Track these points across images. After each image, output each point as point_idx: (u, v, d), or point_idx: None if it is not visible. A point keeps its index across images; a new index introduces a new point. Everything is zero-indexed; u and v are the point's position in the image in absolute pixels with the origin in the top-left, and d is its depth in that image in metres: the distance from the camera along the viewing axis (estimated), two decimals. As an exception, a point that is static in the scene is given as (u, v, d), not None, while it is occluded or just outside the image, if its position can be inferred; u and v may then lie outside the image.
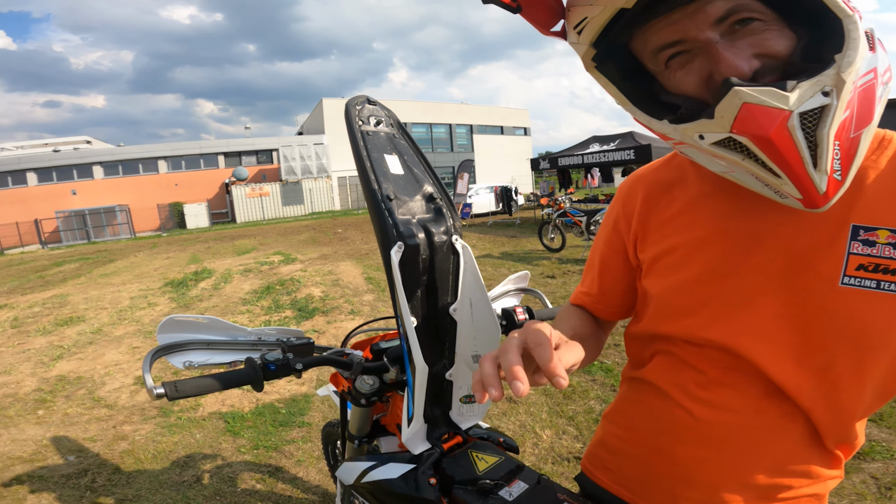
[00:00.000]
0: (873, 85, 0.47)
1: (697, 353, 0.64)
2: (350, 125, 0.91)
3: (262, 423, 2.97)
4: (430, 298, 0.86)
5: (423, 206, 0.89)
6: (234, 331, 0.95)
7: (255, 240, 14.54)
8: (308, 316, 5.36)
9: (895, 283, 0.51)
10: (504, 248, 9.48)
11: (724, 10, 0.49)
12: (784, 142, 0.44)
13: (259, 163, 28.30)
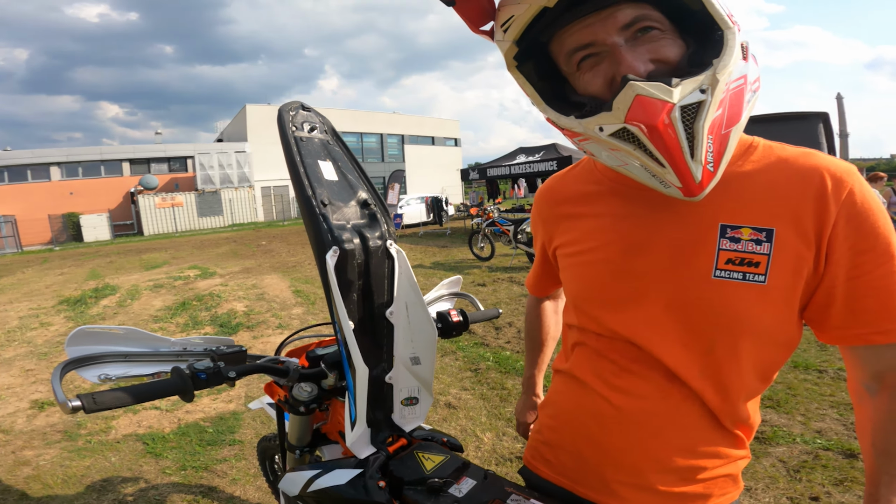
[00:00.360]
0: (742, 90, 0.55)
1: (608, 345, 0.70)
2: (283, 131, 0.91)
3: (186, 443, 2.77)
4: (366, 303, 0.86)
5: (357, 212, 0.90)
6: (156, 341, 0.89)
7: (167, 253, 13.45)
8: (231, 331, 5.02)
9: (758, 274, 0.58)
10: (435, 257, 9.54)
11: (630, 18, 0.56)
12: (667, 131, 0.51)
13: (171, 171, 26.19)
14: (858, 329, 0.57)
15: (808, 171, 0.58)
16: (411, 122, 34.40)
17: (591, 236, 0.72)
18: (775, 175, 0.60)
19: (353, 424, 0.85)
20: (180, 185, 25.61)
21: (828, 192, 0.56)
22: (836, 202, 0.56)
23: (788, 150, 0.62)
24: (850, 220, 0.56)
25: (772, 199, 0.59)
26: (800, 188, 0.58)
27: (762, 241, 0.58)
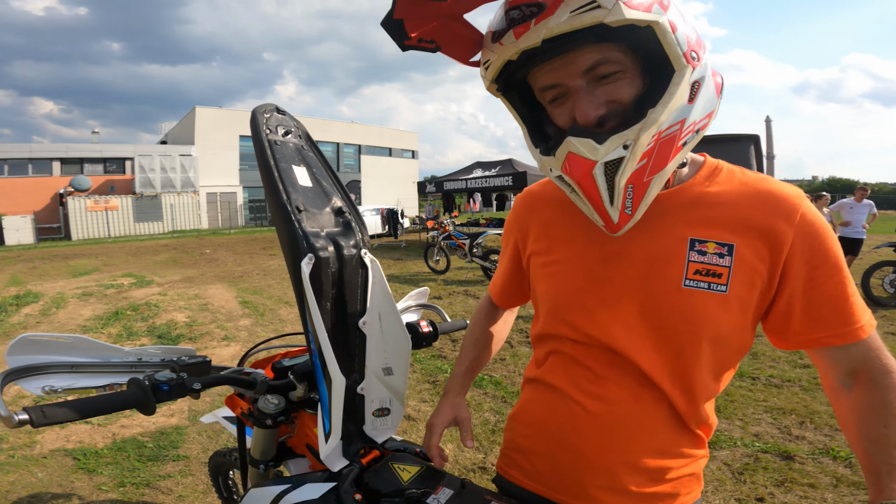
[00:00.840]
0: (675, 136, 0.62)
1: (585, 351, 0.74)
2: (257, 134, 0.88)
3: (123, 458, 2.58)
4: (338, 312, 0.84)
5: (332, 220, 0.89)
6: (107, 351, 0.83)
7: (98, 259, 12.51)
8: (171, 342, 4.71)
9: (720, 284, 0.65)
10: (390, 270, 9.45)
11: (591, 63, 0.62)
12: (589, 185, 0.63)
13: (107, 172, 24.54)
14: (817, 334, 0.64)
15: (764, 195, 0.66)
16: (369, 132, 34.21)
17: (569, 245, 0.77)
18: (737, 197, 0.67)
19: (328, 437, 0.82)
20: (116, 187, 23.99)
21: (782, 214, 0.64)
22: (790, 223, 0.64)
23: (748, 175, 0.71)
24: (805, 239, 0.63)
25: (733, 218, 0.66)
26: (757, 210, 0.66)
27: (724, 255, 0.65)
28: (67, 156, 23.59)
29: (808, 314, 0.64)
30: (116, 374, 0.82)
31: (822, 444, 2.62)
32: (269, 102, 0.96)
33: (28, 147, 22.97)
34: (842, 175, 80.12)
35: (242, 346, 4.57)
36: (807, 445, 2.61)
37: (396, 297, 1.34)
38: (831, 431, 2.75)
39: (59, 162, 23.42)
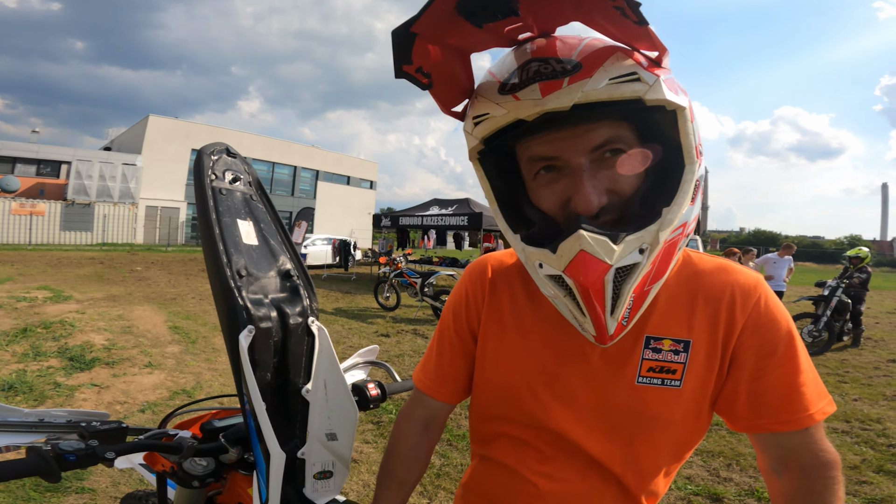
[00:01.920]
0: (677, 241, 0.58)
1: (535, 435, 0.72)
2: (200, 179, 0.82)
3: (17, 486, 2.29)
4: (279, 379, 0.80)
5: (277, 284, 0.84)
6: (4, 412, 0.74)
7: (13, 268, 11.37)
8: (84, 367, 4.26)
9: (674, 380, 0.64)
10: (338, 303, 9.17)
11: (603, 139, 0.57)
12: (597, 293, 0.54)
13: (40, 174, 22.72)
14: (762, 420, 0.63)
15: (721, 287, 0.66)
16: (329, 158, 33.87)
17: (526, 337, 0.73)
18: (694, 291, 0.67)
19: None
20: (46, 191, 22.22)
21: (736, 305, 0.64)
22: (742, 314, 0.64)
23: (706, 261, 0.69)
24: (755, 330, 0.63)
25: (690, 313, 0.65)
26: (713, 303, 0.65)
27: (680, 352, 0.65)
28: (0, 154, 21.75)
29: (753, 402, 0.63)
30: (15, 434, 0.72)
31: (747, 485, 2.77)
32: (220, 142, 0.88)
33: (-45, 140, 20.96)
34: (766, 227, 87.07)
35: (168, 376, 4.20)
36: (734, 487, 2.74)
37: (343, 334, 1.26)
38: (755, 473, 2.91)
39: (-11, 159, 21.53)
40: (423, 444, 0.84)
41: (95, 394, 3.72)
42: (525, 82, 0.56)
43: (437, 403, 0.83)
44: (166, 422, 1.04)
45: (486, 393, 0.78)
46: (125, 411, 3.42)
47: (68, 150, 23.49)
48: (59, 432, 0.75)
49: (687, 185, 0.57)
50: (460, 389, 0.83)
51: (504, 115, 0.57)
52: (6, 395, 3.56)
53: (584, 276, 0.53)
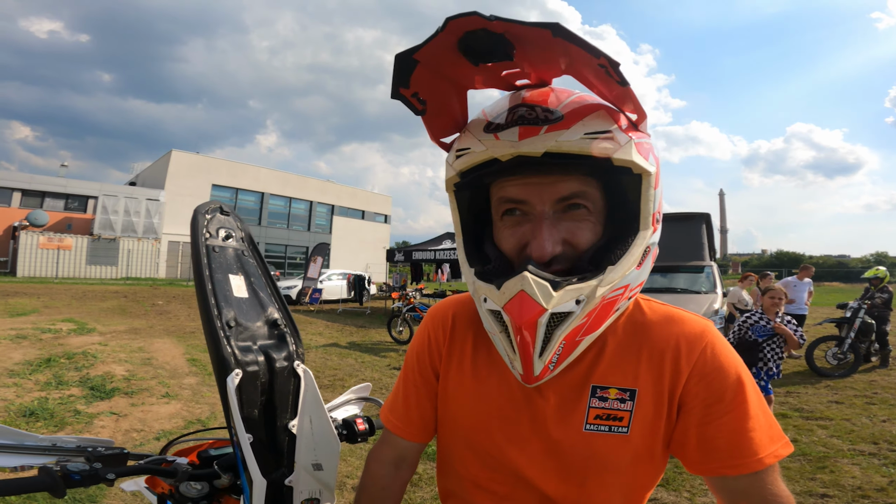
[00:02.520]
0: (616, 300, 0.61)
1: (490, 477, 0.74)
2: (195, 238, 0.91)
3: None
4: (267, 415, 0.88)
5: (265, 332, 0.91)
6: (21, 436, 0.82)
7: (40, 300, 11.74)
8: (104, 396, 4.38)
9: (621, 426, 0.66)
10: (352, 337, 9.21)
11: (570, 192, 0.61)
12: (529, 333, 0.57)
13: (68, 209, 23.69)
14: (711, 464, 0.63)
15: (666, 338, 0.67)
16: (343, 192, 34.46)
17: (483, 381, 0.75)
18: (640, 341, 0.68)
19: None
20: (74, 226, 23.08)
21: (682, 356, 0.66)
22: (688, 363, 0.65)
23: (655, 310, 0.71)
24: (701, 379, 0.64)
25: (636, 362, 0.67)
26: (658, 354, 0.67)
27: (626, 400, 0.66)
28: (30, 187, 22.79)
29: (702, 447, 0.64)
30: (29, 456, 0.80)
31: None
32: (214, 201, 0.97)
33: (-11, 174, 22.04)
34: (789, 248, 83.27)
35: (184, 406, 4.27)
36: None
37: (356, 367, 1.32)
38: None
39: (20, 193, 22.56)
40: (393, 483, 0.85)
41: (114, 422, 3.81)
42: (508, 124, 0.59)
43: (406, 443, 0.84)
44: (167, 449, 1.12)
45: (446, 432, 0.80)
46: (141, 438, 3.49)
47: (95, 184, 24.51)
48: (68, 456, 0.82)
49: (636, 248, 0.60)
50: (428, 429, 0.83)
51: (482, 152, 0.60)
52: (27, 420, 3.68)
53: (520, 316, 0.56)
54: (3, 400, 4.06)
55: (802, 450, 3.67)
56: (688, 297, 7.66)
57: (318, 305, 14.41)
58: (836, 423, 4.37)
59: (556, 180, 0.60)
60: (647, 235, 0.61)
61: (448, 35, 0.51)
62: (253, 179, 28.84)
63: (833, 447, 3.75)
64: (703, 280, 8.14)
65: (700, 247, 8.82)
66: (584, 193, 0.61)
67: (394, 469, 0.85)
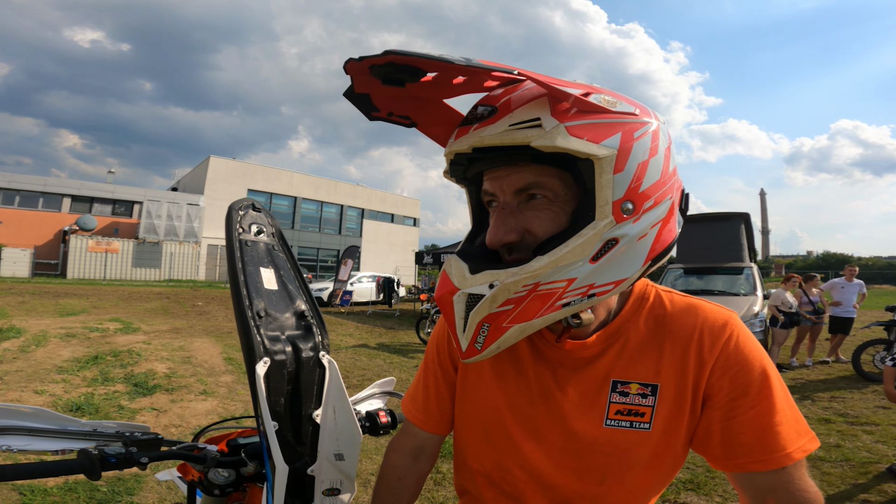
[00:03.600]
0: (555, 293, 0.56)
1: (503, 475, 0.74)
2: (229, 232, 0.94)
3: (72, 499, 2.47)
4: (293, 404, 0.90)
5: (293, 323, 0.94)
6: (65, 421, 0.86)
7: (88, 301, 12.39)
8: (146, 392, 4.57)
9: (643, 422, 0.65)
10: (381, 339, 9.31)
11: (524, 183, 0.60)
12: (446, 309, 0.61)
13: (115, 214, 24.93)
14: (737, 459, 0.62)
15: (689, 329, 0.66)
16: (373, 196, 34.92)
17: (504, 374, 0.75)
18: (661, 334, 0.67)
19: None
20: (120, 230, 24.28)
21: (704, 348, 0.64)
22: (711, 355, 0.63)
23: (676, 302, 0.69)
24: (725, 372, 0.63)
25: (658, 357, 0.66)
26: (681, 346, 0.65)
27: (647, 395, 0.65)
28: (79, 193, 24.02)
29: (727, 441, 0.62)
30: (71, 441, 0.84)
31: None
32: (247, 198, 1.01)
33: (43, 180, 23.36)
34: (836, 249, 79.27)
35: (220, 403, 4.41)
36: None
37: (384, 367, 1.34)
38: None
39: (70, 199, 23.83)
40: (411, 474, 0.85)
41: (154, 417, 3.98)
42: (461, 124, 0.62)
43: (425, 434, 0.85)
44: (199, 437, 1.16)
45: (463, 425, 0.80)
46: (179, 434, 3.63)
47: (140, 190, 25.64)
48: (107, 440, 0.86)
49: (579, 238, 0.55)
50: (447, 420, 0.84)
51: (447, 153, 0.65)
52: (73, 414, 3.88)
53: (437, 290, 0.64)
54: (52, 395, 4.29)
55: (846, 455, 3.55)
56: (725, 299, 7.39)
57: (348, 307, 14.64)
58: (882, 428, 4.19)
59: (509, 172, 0.61)
60: (598, 225, 0.55)
61: (359, 75, 0.54)
62: (287, 184, 29.56)
63: (878, 453, 3.61)
64: (743, 282, 7.84)
65: (739, 248, 8.51)
66: (540, 183, 0.59)
67: (412, 459, 0.86)
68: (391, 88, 0.57)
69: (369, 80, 0.55)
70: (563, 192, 0.59)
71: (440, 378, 0.84)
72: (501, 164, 0.61)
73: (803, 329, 7.27)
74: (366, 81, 0.56)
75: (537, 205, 0.61)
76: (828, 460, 3.47)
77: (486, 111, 0.59)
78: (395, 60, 0.50)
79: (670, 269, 8.83)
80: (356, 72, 0.54)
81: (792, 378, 6.34)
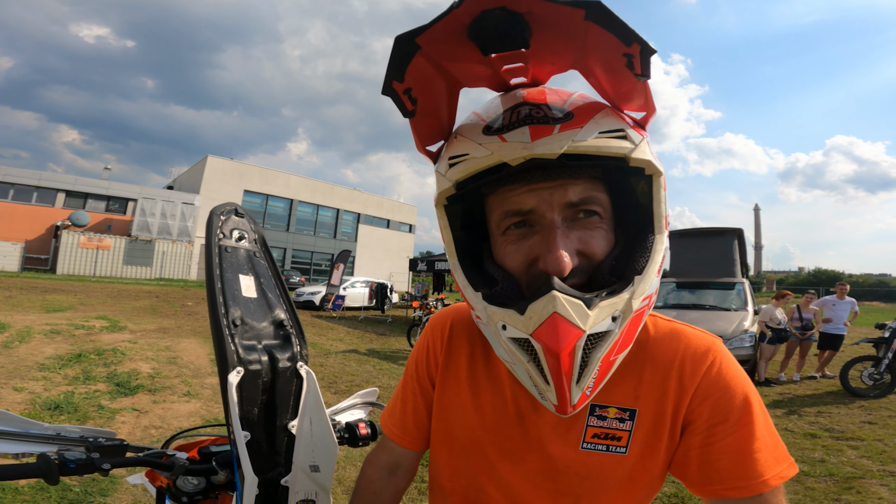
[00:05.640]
0: (643, 311, 0.55)
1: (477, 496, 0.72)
2: (209, 237, 0.93)
3: (43, 498, 2.44)
4: (268, 414, 0.88)
5: (271, 332, 0.93)
6: (28, 424, 0.85)
7: (76, 297, 12.23)
8: (128, 392, 4.49)
9: (620, 446, 0.63)
10: (372, 344, 9.25)
11: (579, 197, 0.56)
12: (567, 360, 0.49)
13: (109, 210, 24.74)
14: (713, 486, 0.60)
15: (670, 356, 0.64)
16: (370, 201, 34.81)
17: (478, 396, 0.72)
18: (642, 359, 0.65)
19: None
20: (113, 227, 24.10)
21: (685, 374, 0.63)
22: (692, 382, 0.62)
23: (660, 327, 0.68)
24: (706, 398, 0.61)
25: (637, 382, 0.64)
26: (662, 371, 0.64)
27: (625, 420, 0.64)
28: (74, 189, 23.82)
29: (704, 467, 0.61)
30: (32, 444, 0.83)
31: None
32: (231, 202, 0.99)
33: (38, 174, 23.13)
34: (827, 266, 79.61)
35: (203, 405, 4.35)
36: None
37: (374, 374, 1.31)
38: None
39: (65, 194, 23.62)
40: (386, 489, 0.83)
41: (135, 417, 3.90)
42: (514, 124, 0.54)
43: (401, 449, 0.82)
44: (169, 443, 1.14)
45: (440, 444, 0.78)
46: (159, 435, 3.56)
47: (135, 187, 25.47)
48: (69, 445, 0.84)
49: (658, 255, 0.56)
50: (423, 437, 0.81)
51: (486, 157, 0.53)
52: (52, 413, 3.80)
53: (556, 341, 0.49)
54: (31, 393, 4.21)
55: (830, 470, 3.56)
56: (716, 314, 7.42)
57: (340, 312, 14.56)
58: (867, 443, 4.22)
59: (563, 184, 0.55)
60: (664, 239, 0.57)
61: (461, 15, 0.45)
62: (283, 186, 29.44)
63: (862, 468, 3.62)
64: (734, 297, 7.88)
65: (731, 263, 8.57)
66: (595, 198, 0.57)
67: (388, 474, 0.84)
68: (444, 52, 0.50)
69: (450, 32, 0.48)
70: (609, 207, 0.59)
71: (418, 395, 0.80)
72: (556, 176, 0.54)
73: (792, 345, 7.35)
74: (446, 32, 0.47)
75: (590, 223, 0.57)
76: (812, 475, 3.48)
77: (557, 113, 0.53)
78: (533, 9, 0.45)
79: (662, 284, 8.86)
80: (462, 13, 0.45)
81: (779, 393, 6.37)
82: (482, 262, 0.64)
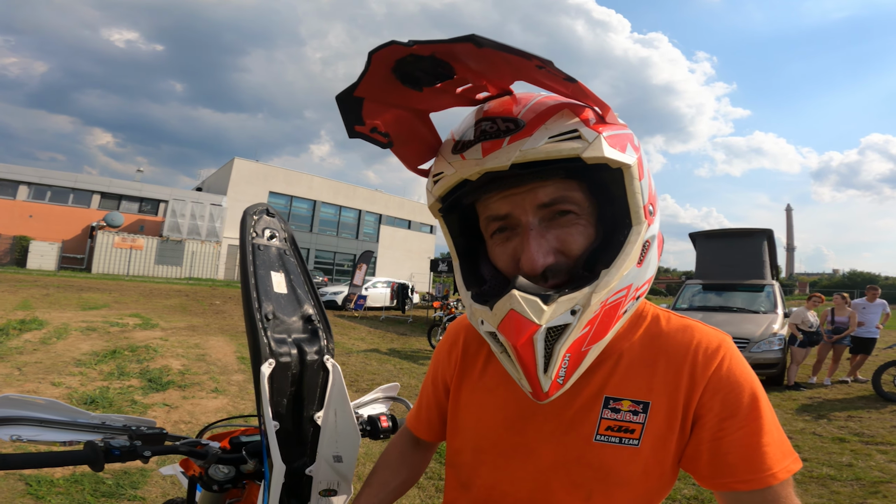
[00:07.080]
0: (620, 303, 0.58)
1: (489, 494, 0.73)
2: (243, 236, 0.96)
3: (77, 491, 2.53)
4: (295, 405, 0.92)
5: (300, 326, 0.97)
6: (76, 413, 0.90)
7: (110, 296, 12.69)
8: (160, 388, 4.66)
9: (633, 439, 0.64)
10: (392, 344, 9.34)
11: (549, 197, 0.58)
12: (526, 351, 0.54)
13: (141, 211, 25.55)
14: (724, 479, 0.62)
15: (683, 350, 0.66)
16: (391, 202, 34.98)
17: (492, 392, 0.75)
18: (656, 353, 0.67)
19: None
20: (146, 227, 24.89)
21: (698, 368, 0.64)
22: (703, 376, 0.64)
23: (673, 323, 0.70)
24: (716, 393, 0.63)
25: (651, 375, 0.66)
26: (675, 365, 0.66)
27: (639, 412, 0.65)
28: (108, 190, 24.66)
29: (714, 461, 0.63)
30: (80, 433, 0.87)
31: None
32: (262, 202, 1.04)
33: (73, 177, 24.05)
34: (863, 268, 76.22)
35: (230, 401, 4.48)
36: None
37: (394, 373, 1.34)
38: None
39: (100, 195, 24.49)
40: (412, 453, 0.92)
41: (165, 412, 4.06)
42: (472, 142, 0.58)
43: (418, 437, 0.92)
44: (203, 433, 1.19)
45: (455, 442, 0.81)
46: (188, 430, 3.69)
47: (166, 189, 26.24)
48: (114, 433, 0.89)
49: (630, 246, 0.57)
50: (435, 432, 0.89)
51: (452, 175, 0.59)
52: (87, 407, 3.98)
53: (512, 335, 0.54)
54: (68, 388, 4.42)
55: (857, 474, 3.47)
56: (744, 316, 7.23)
57: (362, 312, 14.72)
58: None
59: (532, 188, 0.59)
60: (641, 230, 0.59)
61: (378, 68, 0.50)
62: (307, 188, 29.90)
63: (890, 472, 3.52)
64: (763, 299, 7.66)
65: (761, 264, 8.33)
66: (567, 197, 0.59)
67: (412, 446, 0.93)
68: (387, 95, 0.55)
69: (381, 80, 0.52)
70: (587, 203, 0.61)
71: (431, 395, 0.88)
72: (523, 181, 0.58)
73: (824, 348, 7.13)
74: (377, 81, 0.52)
75: (565, 221, 0.60)
76: (838, 479, 3.39)
77: (510, 125, 0.56)
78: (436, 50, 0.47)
79: (688, 285, 8.68)
80: (379, 64, 0.49)
81: (809, 397, 6.19)
82: (479, 264, 0.69)
